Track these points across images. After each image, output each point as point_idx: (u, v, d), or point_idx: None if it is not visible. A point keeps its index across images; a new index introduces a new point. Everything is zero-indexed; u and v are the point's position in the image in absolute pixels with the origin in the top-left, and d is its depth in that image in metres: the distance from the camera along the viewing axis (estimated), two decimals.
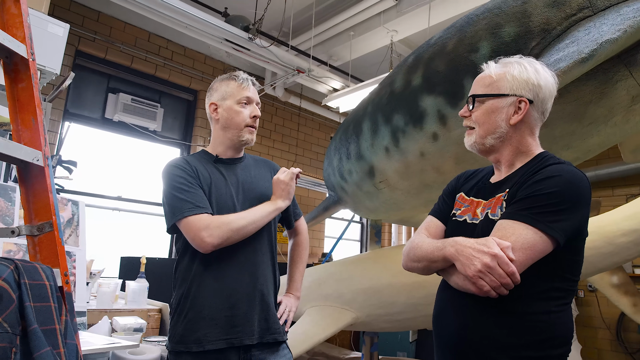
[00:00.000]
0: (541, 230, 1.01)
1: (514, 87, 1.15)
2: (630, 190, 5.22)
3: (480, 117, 1.20)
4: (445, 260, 1.08)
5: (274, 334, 1.48)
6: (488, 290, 0.97)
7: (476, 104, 1.21)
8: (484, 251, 0.98)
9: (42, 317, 0.88)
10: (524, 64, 1.18)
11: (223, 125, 1.58)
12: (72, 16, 4.29)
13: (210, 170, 1.54)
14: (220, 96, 1.59)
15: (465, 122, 1.25)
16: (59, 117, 4.19)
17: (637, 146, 2.32)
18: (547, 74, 1.18)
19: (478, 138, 1.21)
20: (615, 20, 1.46)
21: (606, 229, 2.67)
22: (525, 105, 1.14)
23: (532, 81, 1.15)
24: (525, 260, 1.00)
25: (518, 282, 0.98)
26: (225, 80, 1.61)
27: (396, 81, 2.39)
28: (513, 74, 1.16)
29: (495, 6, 1.89)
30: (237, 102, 1.57)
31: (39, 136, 1.05)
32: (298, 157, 6.24)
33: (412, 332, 5.23)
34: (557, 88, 1.48)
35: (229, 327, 1.40)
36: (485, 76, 1.22)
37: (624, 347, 5.12)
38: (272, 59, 4.43)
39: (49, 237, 1.02)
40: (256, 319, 1.45)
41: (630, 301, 3.98)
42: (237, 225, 1.41)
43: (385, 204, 2.93)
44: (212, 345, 1.38)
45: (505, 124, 1.16)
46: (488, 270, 0.97)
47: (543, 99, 1.16)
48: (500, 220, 1.07)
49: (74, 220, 2.25)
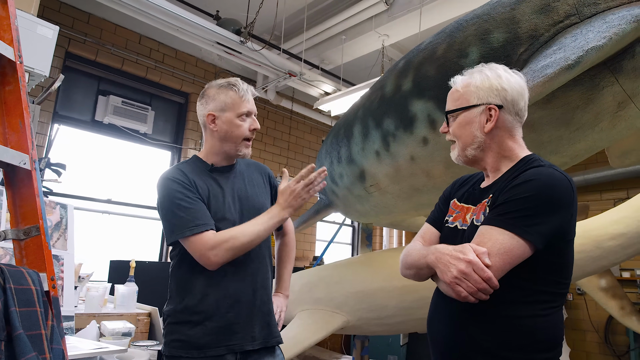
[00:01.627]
0: (517, 235, 1.01)
1: (480, 96, 1.18)
2: (617, 195, 5.29)
3: (457, 131, 1.23)
4: (429, 267, 1.10)
5: (276, 337, 1.52)
6: (466, 295, 0.99)
7: (450, 120, 1.25)
8: (460, 258, 1.00)
9: (28, 322, 0.87)
10: (485, 72, 1.20)
11: (221, 138, 1.53)
12: (62, 18, 4.26)
13: (206, 181, 1.52)
14: (219, 107, 1.51)
15: (446, 137, 1.29)
16: (48, 119, 4.15)
17: (624, 151, 2.35)
18: (510, 75, 1.19)
19: (460, 151, 1.24)
20: (601, 28, 1.48)
21: (594, 233, 2.70)
22: (495, 112, 1.16)
23: (496, 86, 1.17)
24: (503, 265, 1.01)
25: (496, 287, 0.99)
26: (223, 89, 1.53)
27: (387, 85, 2.41)
28: (476, 84, 1.19)
29: (484, 12, 1.91)
30: (238, 116, 1.51)
31: (27, 139, 1.04)
32: (289, 160, 6.24)
33: (402, 336, 5.24)
34: (545, 94, 1.51)
35: (231, 333, 1.41)
36: (454, 91, 1.26)
37: (612, 349, 5.18)
38: (263, 63, 4.43)
39: (35, 242, 1.01)
40: (257, 324, 1.46)
41: (618, 304, 4.03)
42: (242, 242, 1.39)
43: (375, 207, 2.94)
44: (213, 351, 1.39)
45: (480, 133, 1.19)
46: (464, 276, 0.98)
47: (512, 101, 1.17)
48: (480, 226, 1.09)
49: (63, 223, 2.23)
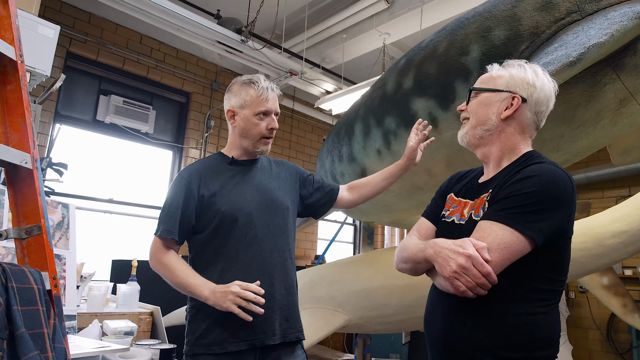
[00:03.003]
0: (518, 231, 1.01)
1: (509, 84, 1.19)
2: (619, 192, 5.28)
3: (474, 108, 1.24)
4: (427, 261, 1.09)
5: (297, 332, 1.51)
6: (464, 290, 0.98)
7: (472, 97, 1.26)
8: (459, 252, 0.99)
9: (30, 321, 0.87)
10: (525, 66, 1.21)
11: (240, 134, 1.57)
12: (63, 18, 4.27)
13: (223, 174, 1.55)
14: (239, 103, 1.55)
15: (462, 115, 1.29)
16: (49, 119, 4.16)
17: (625, 149, 2.35)
18: (546, 78, 1.20)
19: (469, 129, 1.24)
20: (603, 25, 1.48)
21: (596, 231, 2.70)
22: (517, 102, 1.17)
23: (528, 81, 1.18)
24: (502, 261, 1.00)
25: (495, 282, 0.98)
26: (245, 86, 1.56)
27: (388, 84, 2.40)
28: (511, 73, 1.21)
29: (485, 10, 1.90)
30: (255, 114, 1.54)
31: (28, 139, 1.04)
32: (291, 158, 6.24)
33: (404, 334, 5.24)
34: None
35: (251, 328, 1.40)
36: (486, 75, 1.27)
37: (615, 347, 5.17)
38: (264, 62, 4.43)
39: (37, 241, 1.01)
40: (277, 319, 1.46)
41: (620, 302, 4.02)
42: (168, 277, 1.44)
43: (377, 206, 2.94)
44: (233, 346, 1.39)
45: (496, 118, 1.19)
46: (463, 270, 0.97)
47: (537, 100, 1.18)
48: (480, 221, 1.08)
49: (64, 223, 2.23)
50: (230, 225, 1.47)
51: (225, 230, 1.47)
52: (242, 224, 1.48)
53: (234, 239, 1.47)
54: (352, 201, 1.78)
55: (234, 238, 1.47)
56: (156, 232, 1.48)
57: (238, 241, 1.47)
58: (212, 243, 1.48)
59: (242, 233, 1.48)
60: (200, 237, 1.50)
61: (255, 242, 1.48)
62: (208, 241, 1.49)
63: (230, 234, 1.47)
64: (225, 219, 1.47)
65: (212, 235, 1.48)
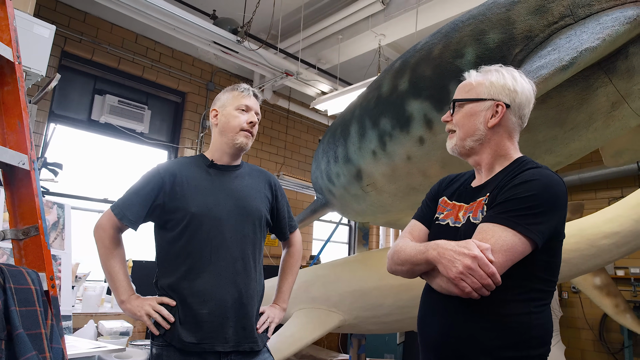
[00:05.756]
0: (520, 233, 1.04)
1: (491, 92, 1.21)
2: (612, 194, 5.32)
3: (460, 120, 1.25)
4: (428, 263, 1.10)
5: (250, 342, 1.50)
6: (470, 291, 1.00)
7: (456, 108, 1.27)
8: (465, 253, 1.00)
9: (28, 321, 0.88)
10: (502, 72, 1.23)
11: (220, 130, 1.62)
12: (58, 17, 4.25)
13: (199, 174, 1.56)
14: (222, 104, 1.64)
15: (447, 126, 1.31)
16: (44, 118, 4.14)
17: (617, 151, 2.37)
18: (524, 81, 1.23)
19: (458, 141, 1.26)
20: (595, 29, 1.50)
21: (588, 232, 2.72)
22: (502, 109, 1.19)
23: (509, 87, 1.20)
24: (505, 262, 1.03)
25: (499, 282, 1.00)
26: (228, 90, 1.67)
27: (383, 85, 2.42)
28: (491, 80, 1.22)
29: (480, 13, 1.92)
30: (236, 108, 1.61)
31: (25, 139, 1.05)
32: (286, 159, 6.25)
33: (399, 335, 5.26)
34: (540, 94, 1.52)
35: (203, 331, 1.42)
36: (466, 83, 1.28)
37: (607, 347, 5.22)
38: (260, 62, 4.44)
39: (34, 241, 1.02)
40: (231, 327, 1.46)
41: (613, 302, 4.06)
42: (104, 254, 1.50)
43: (372, 206, 2.95)
44: (189, 347, 1.41)
45: (483, 127, 1.21)
46: (469, 271, 0.99)
47: (520, 104, 1.21)
48: (481, 223, 1.10)
49: (60, 223, 2.23)
50: (198, 228, 1.49)
51: (193, 232, 1.49)
52: (210, 227, 1.49)
53: (200, 242, 1.48)
54: (285, 250, 1.83)
55: (200, 241, 1.48)
56: (113, 207, 1.51)
57: (204, 244, 1.48)
58: (179, 242, 1.50)
59: (209, 237, 1.49)
60: (168, 235, 1.52)
61: (222, 247, 1.49)
62: (175, 240, 1.51)
63: (198, 236, 1.48)
64: (194, 220, 1.49)
65: (180, 235, 1.50)
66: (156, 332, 1.43)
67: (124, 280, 1.49)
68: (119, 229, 1.52)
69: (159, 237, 1.55)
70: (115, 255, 1.50)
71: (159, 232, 1.55)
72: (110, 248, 1.50)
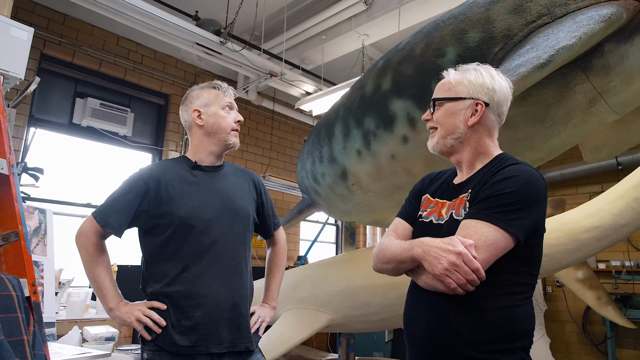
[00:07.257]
0: (502, 228, 1.06)
1: (470, 91, 1.23)
2: (592, 189, 5.43)
3: (441, 118, 1.27)
4: (413, 260, 1.11)
5: (245, 342, 1.49)
6: (455, 287, 1.01)
7: (437, 107, 1.29)
8: (450, 250, 1.02)
9: (9, 328, 0.86)
10: (480, 70, 1.25)
11: (208, 131, 1.59)
12: (36, 19, 4.18)
13: (185, 177, 1.55)
14: (203, 103, 1.61)
15: (428, 124, 1.32)
16: (24, 123, 4.07)
17: (596, 146, 2.42)
18: (501, 79, 1.25)
19: (439, 139, 1.28)
20: (571, 28, 1.53)
21: (570, 227, 2.78)
22: (481, 108, 1.21)
23: (487, 85, 1.22)
24: (489, 257, 1.05)
25: (483, 278, 1.02)
26: (205, 89, 1.64)
27: (367, 85, 2.43)
28: (470, 79, 1.24)
29: (460, 12, 1.95)
30: (222, 108, 1.60)
31: (3, 144, 1.03)
32: (272, 160, 6.23)
33: (387, 332, 5.29)
34: (518, 92, 1.55)
35: (197, 334, 1.41)
36: (445, 82, 1.30)
37: (590, 339, 5.32)
38: (244, 63, 4.42)
39: (15, 247, 1.00)
40: (225, 327, 1.45)
41: (595, 295, 4.15)
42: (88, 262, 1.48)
43: (358, 206, 2.96)
44: (183, 350, 1.40)
45: (463, 125, 1.23)
46: (454, 268, 1.01)
47: (498, 102, 1.23)
48: (464, 219, 1.12)
49: (42, 228, 2.19)
50: (188, 231, 1.47)
51: (183, 236, 1.47)
52: (200, 230, 1.48)
53: (190, 245, 1.47)
54: (270, 249, 1.83)
55: (191, 244, 1.47)
56: (96, 214, 1.49)
57: (195, 247, 1.47)
58: (168, 247, 1.48)
59: (199, 239, 1.48)
60: (157, 240, 1.50)
61: (213, 249, 1.49)
62: (164, 245, 1.49)
63: (188, 239, 1.47)
64: (183, 224, 1.47)
65: (169, 239, 1.48)
66: (148, 337, 1.41)
67: (111, 288, 1.47)
68: (102, 235, 1.49)
69: (146, 243, 1.53)
70: (100, 262, 1.48)
71: (145, 237, 1.53)
72: (94, 255, 1.47)
